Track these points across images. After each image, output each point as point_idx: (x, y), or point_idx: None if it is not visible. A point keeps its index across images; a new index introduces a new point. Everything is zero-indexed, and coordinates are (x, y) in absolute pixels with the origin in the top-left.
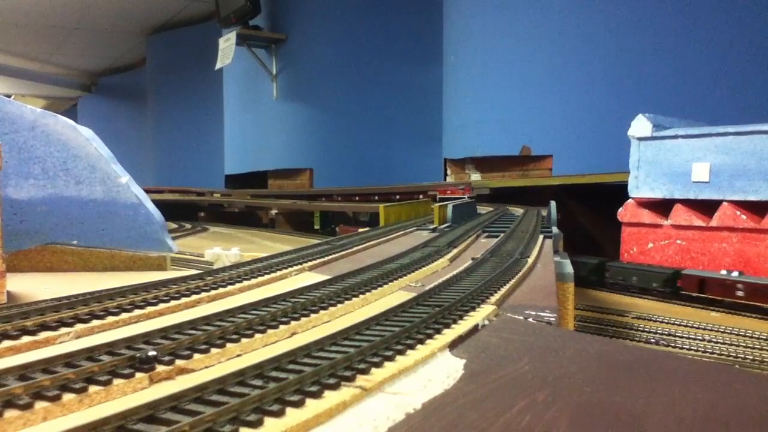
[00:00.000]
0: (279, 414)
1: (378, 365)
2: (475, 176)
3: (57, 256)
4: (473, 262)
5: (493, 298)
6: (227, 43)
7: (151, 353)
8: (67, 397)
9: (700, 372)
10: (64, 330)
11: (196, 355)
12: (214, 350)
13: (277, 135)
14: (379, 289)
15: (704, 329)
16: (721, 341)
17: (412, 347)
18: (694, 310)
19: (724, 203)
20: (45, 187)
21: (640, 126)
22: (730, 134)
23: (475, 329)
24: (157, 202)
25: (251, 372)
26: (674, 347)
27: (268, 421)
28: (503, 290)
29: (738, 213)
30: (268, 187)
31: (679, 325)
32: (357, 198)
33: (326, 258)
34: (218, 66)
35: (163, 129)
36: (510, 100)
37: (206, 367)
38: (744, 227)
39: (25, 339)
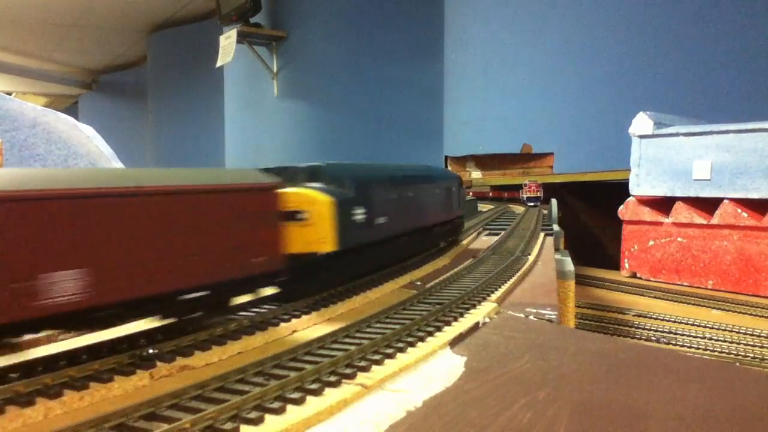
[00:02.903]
0: (280, 411)
1: (379, 363)
2: (476, 174)
3: None
4: (474, 260)
5: (494, 296)
6: (228, 41)
7: (152, 350)
8: (69, 393)
9: (700, 370)
10: None
11: (197, 353)
12: (215, 347)
13: (277, 133)
14: (379, 286)
15: (705, 327)
16: (722, 339)
17: (413, 345)
18: (694, 308)
19: (725, 201)
20: None
21: (641, 124)
22: (731, 132)
23: (475, 327)
24: None
25: (252, 369)
26: (675, 345)
27: (269, 418)
28: (504, 288)
29: (739, 211)
30: None
31: (680, 323)
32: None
33: None
34: (219, 64)
35: (164, 127)
36: (511, 98)
37: (207, 365)
38: (745, 225)
39: (27, 336)
